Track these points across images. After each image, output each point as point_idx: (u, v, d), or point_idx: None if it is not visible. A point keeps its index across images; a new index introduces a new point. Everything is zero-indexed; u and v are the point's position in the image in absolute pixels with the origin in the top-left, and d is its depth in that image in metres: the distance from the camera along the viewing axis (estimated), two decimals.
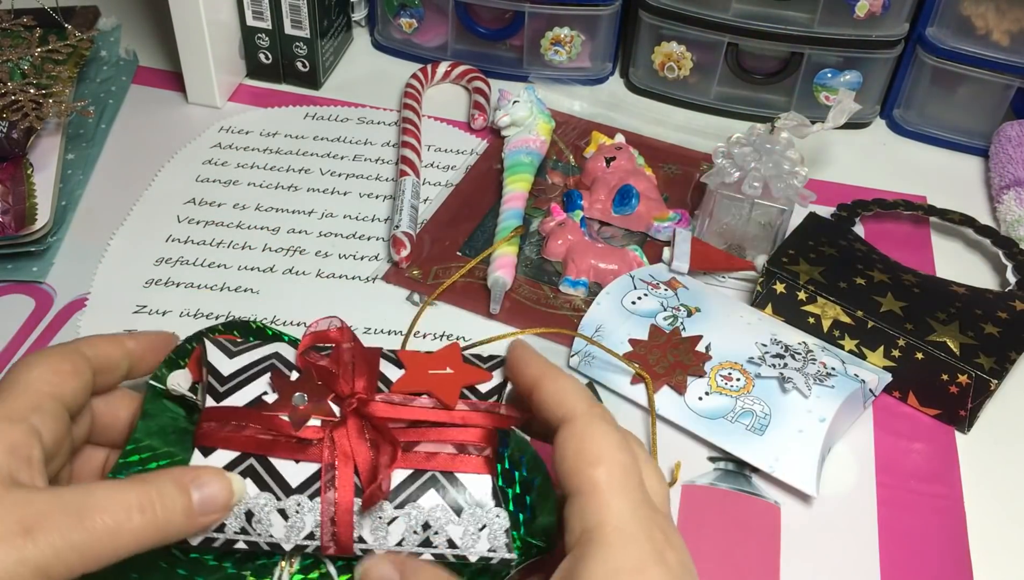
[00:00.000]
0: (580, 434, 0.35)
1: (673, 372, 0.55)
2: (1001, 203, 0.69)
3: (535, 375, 0.38)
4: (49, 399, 0.36)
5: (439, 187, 0.70)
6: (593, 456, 0.35)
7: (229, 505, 0.37)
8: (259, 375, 0.41)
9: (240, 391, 0.40)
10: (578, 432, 0.36)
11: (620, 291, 0.60)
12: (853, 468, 0.54)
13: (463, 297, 0.61)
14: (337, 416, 0.40)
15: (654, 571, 0.32)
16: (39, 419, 0.36)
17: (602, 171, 0.68)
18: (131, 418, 0.42)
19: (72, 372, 0.38)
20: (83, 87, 0.74)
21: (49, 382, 0.37)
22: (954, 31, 0.72)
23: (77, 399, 0.38)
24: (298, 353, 0.42)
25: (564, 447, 0.36)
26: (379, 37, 0.83)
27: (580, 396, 0.37)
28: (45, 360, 0.38)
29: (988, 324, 0.56)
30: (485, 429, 0.40)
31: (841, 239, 0.62)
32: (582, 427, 0.36)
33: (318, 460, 0.39)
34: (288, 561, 0.39)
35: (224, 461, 0.38)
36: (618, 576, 0.32)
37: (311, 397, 0.40)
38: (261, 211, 0.67)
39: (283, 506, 0.38)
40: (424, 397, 0.41)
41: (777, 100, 0.77)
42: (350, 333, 0.42)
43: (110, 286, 0.61)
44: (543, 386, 0.38)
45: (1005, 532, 0.52)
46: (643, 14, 0.75)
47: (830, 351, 0.56)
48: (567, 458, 0.35)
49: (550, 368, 0.38)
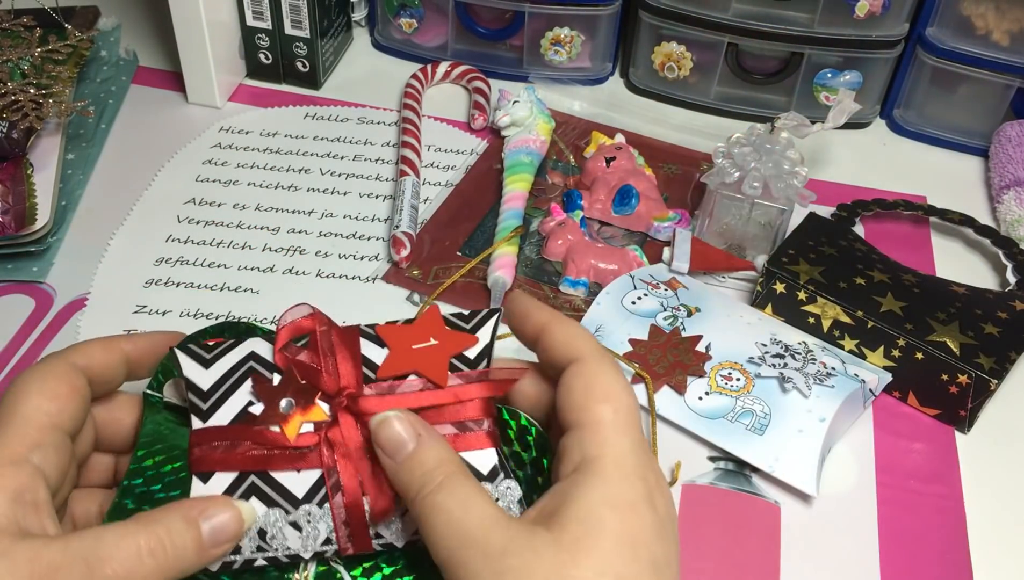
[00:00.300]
0: (591, 372, 0.36)
1: (673, 372, 0.55)
2: (1001, 203, 0.69)
3: (542, 321, 0.39)
4: (49, 432, 0.35)
5: (439, 187, 0.70)
6: (602, 393, 0.36)
7: (240, 534, 0.36)
8: (240, 383, 0.39)
9: (224, 405, 0.39)
10: (589, 370, 0.36)
11: (620, 291, 0.60)
12: (853, 468, 0.54)
13: (463, 297, 0.61)
14: (328, 415, 0.38)
15: (644, 510, 0.33)
16: (41, 457, 0.35)
17: (602, 171, 0.68)
18: (135, 421, 0.41)
19: (69, 394, 0.36)
20: (83, 87, 0.74)
21: (47, 412, 0.35)
22: (954, 31, 0.72)
23: (77, 421, 0.37)
24: (276, 350, 0.40)
25: (572, 382, 0.36)
26: (379, 37, 0.83)
27: (589, 339, 0.38)
28: (40, 386, 0.36)
29: (988, 324, 0.56)
30: (481, 400, 0.39)
31: (841, 239, 0.62)
32: (593, 366, 0.36)
33: (318, 466, 0.38)
34: (302, 575, 0.39)
35: (224, 484, 0.38)
36: (611, 508, 0.33)
37: (298, 400, 0.39)
38: (261, 211, 0.67)
39: (294, 519, 0.37)
40: (412, 376, 0.39)
41: (777, 100, 0.77)
42: (323, 317, 0.40)
43: (110, 286, 0.61)
44: (552, 330, 0.38)
45: (1005, 532, 0.52)
46: (643, 14, 0.75)
47: (830, 351, 0.56)
48: (575, 392, 0.36)
49: (556, 314, 0.39)
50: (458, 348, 0.40)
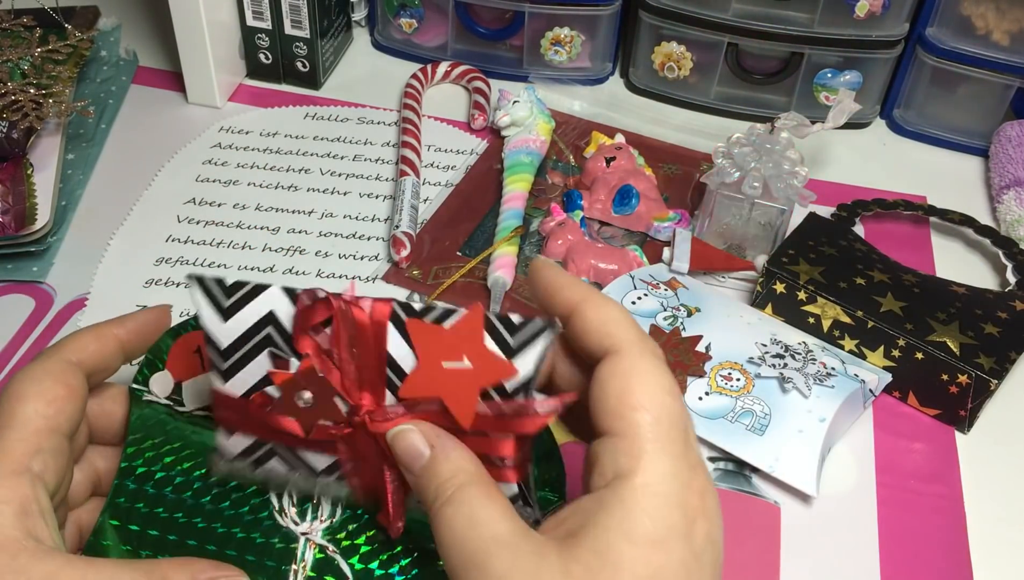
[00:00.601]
0: (627, 370, 0.32)
1: (673, 372, 0.55)
2: (1001, 203, 0.69)
3: (574, 299, 0.34)
4: (47, 436, 0.34)
5: (439, 187, 0.70)
6: (638, 399, 0.31)
7: None
8: (259, 351, 0.37)
9: (243, 371, 0.37)
10: (625, 368, 0.32)
11: (620, 291, 0.60)
12: (853, 468, 0.54)
13: (463, 297, 0.61)
14: (345, 413, 0.37)
15: (675, 545, 0.30)
16: (40, 463, 0.34)
17: (602, 171, 0.68)
18: (126, 413, 0.40)
19: (67, 396, 0.36)
20: (83, 87, 0.74)
21: (44, 415, 0.35)
22: (954, 31, 0.72)
23: (74, 422, 0.36)
24: (295, 331, 0.37)
25: (607, 384, 0.32)
26: (379, 37, 0.83)
27: (628, 326, 0.33)
28: (37, 388, 0.35)
29: (988, 324, 0.56)
30: (511, 440, 0.35)
31: (841, 239, 0.62)
32: (630, 363, 0.32)
33: (336, 454, 0.38)
34: (300, 564, 0.39)
35: (247, 442, 0.38)
36: (633, 544, 0.29)
37: (316, 397, 0.37)
38: (261, 211, 0.67)
39: (313, 484, 0.38)
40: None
41: (777, 100, 0.77)
42: (341, 304, 0.36)
43: (110, 286, 0.61)
44: (586, 312, 0.33)
45: (1005, 532, 0.52)
46: (643, 14, 0.75)
47: (830, 351, 0.56)
48: (609, 397, 0.32)
49: (592, 292, 0.34)
50: (492, 380, 0.35)
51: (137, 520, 0.38)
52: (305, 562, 0.38)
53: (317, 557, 0.38)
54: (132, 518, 0.38)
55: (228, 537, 0.39)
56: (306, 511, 0.39)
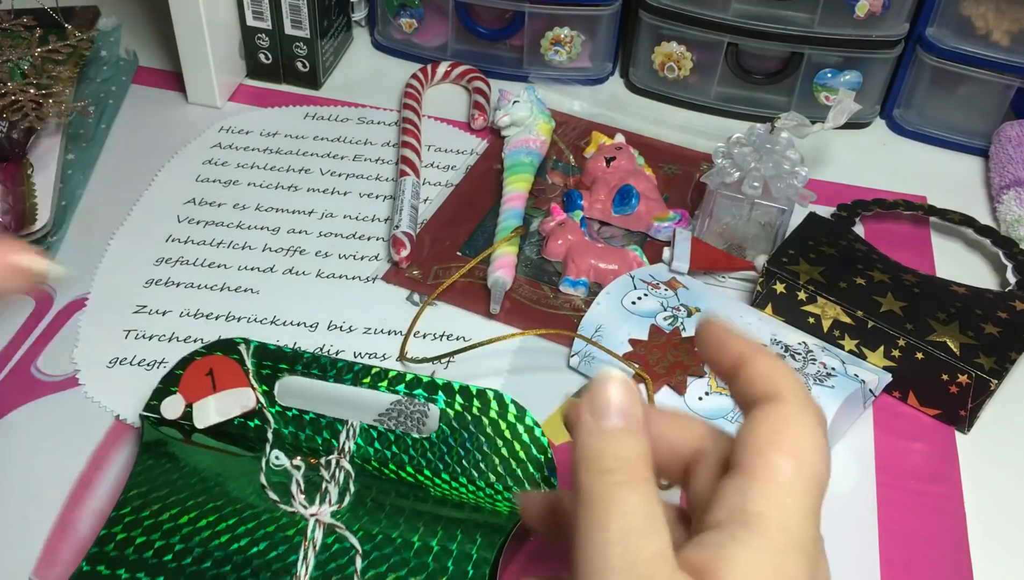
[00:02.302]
0: (785, 416, 0.31)
1: (673, 372, 0.55)
2: (1001, 203, 0.69)
3: (743, 352, 0.33)
4: None
5: (439, 187, 0.70)
6: (790, 443, 0.30)
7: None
8: None
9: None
10: (783, 414, 0.31)
11: (620, 291, 0.60)
12: (853, 468, 0.54)
13: (463, 297, 0.61)
14: None
15: None
16: None
17: (602, 171, 0.68)
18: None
19: None
20: (83, 87, 0.74)
21: None
22: (954, 31, 0.72)
23: None
24: None
25: (760, 421, 0.31)
26: (379, 37, 0.83)
27: (795, 381, 0.32)
28: None
29: (988, 324, 0.56)
30: None
31: (841, 239, 0.62)
32: (791, 410, 0.31)
33: None
34: (310, 540, 0.40)
35: None
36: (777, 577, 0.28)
37: None
38: (261, 211, 0.67)
39: None
40: None
41: (777, 100, 0.77)
42: None
43: (110, 286, 0.61)
44: (756, 364, 0.33)
45: (1005, 532, 0.52)
46: (643, 14, 0.75)
47: (830, 351, 0.56)
48: (758, 434, 0.31)
49: (758, 346, 0.34)
50: None
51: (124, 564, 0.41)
52: (315, 539, 0.40)
53: (327, 539, 0.41)
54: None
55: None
56: (314, 497, 0.41)
